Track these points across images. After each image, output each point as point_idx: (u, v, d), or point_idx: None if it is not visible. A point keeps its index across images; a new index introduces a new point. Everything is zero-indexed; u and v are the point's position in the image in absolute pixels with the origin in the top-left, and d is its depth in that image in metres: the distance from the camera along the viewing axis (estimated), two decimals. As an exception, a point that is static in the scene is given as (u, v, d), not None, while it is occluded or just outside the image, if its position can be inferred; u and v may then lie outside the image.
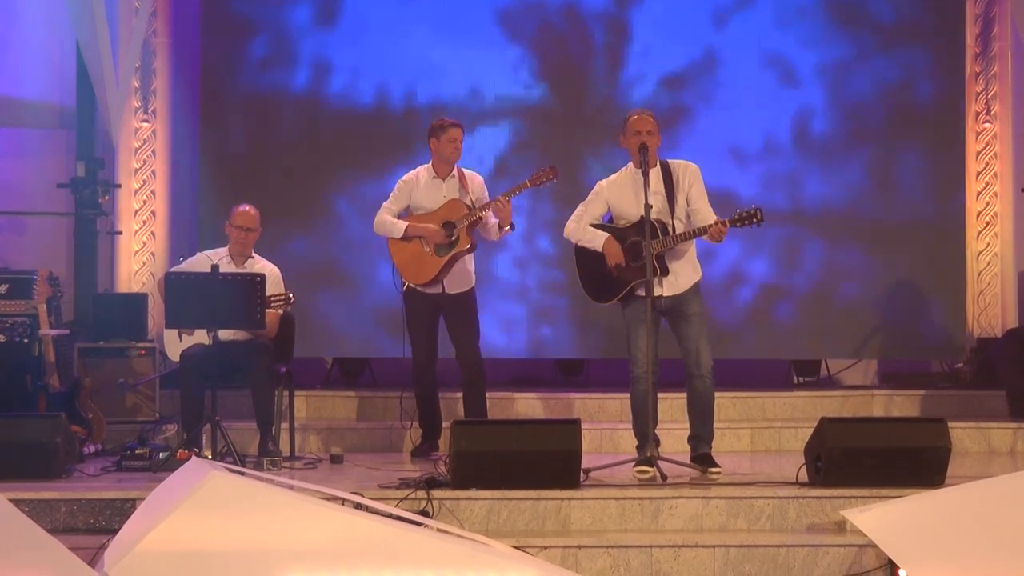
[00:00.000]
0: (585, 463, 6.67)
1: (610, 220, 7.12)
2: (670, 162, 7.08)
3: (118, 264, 9.43)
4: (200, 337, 7.43)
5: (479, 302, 7.94)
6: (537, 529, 6.33)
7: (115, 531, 5.79)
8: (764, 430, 8.36)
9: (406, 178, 7.86)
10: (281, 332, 7.75)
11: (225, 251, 7.77)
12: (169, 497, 5.30)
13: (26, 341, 8.31)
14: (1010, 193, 9.59)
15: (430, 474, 6.62)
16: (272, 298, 7.44)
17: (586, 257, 7.12)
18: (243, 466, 6.86)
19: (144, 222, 9.49)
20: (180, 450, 7.13)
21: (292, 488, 5.66)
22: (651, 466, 6.71)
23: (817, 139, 9.47)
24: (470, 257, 7.77)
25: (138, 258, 9.46)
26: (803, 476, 6.62)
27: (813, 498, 6.39)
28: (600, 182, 7.20)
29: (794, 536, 6.22)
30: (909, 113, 9.47)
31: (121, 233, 9.40)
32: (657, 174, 6.95)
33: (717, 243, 6.97)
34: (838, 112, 9.47)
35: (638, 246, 6.87)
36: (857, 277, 9.42)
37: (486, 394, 7.85)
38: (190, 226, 9.50)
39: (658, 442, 6.86)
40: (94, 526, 6.33)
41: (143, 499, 5.95)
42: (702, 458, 6.93)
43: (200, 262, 7.68)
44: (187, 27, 9.61)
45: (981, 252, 9.62)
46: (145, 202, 9.49)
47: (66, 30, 9.20)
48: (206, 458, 6.89)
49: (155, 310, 8.79)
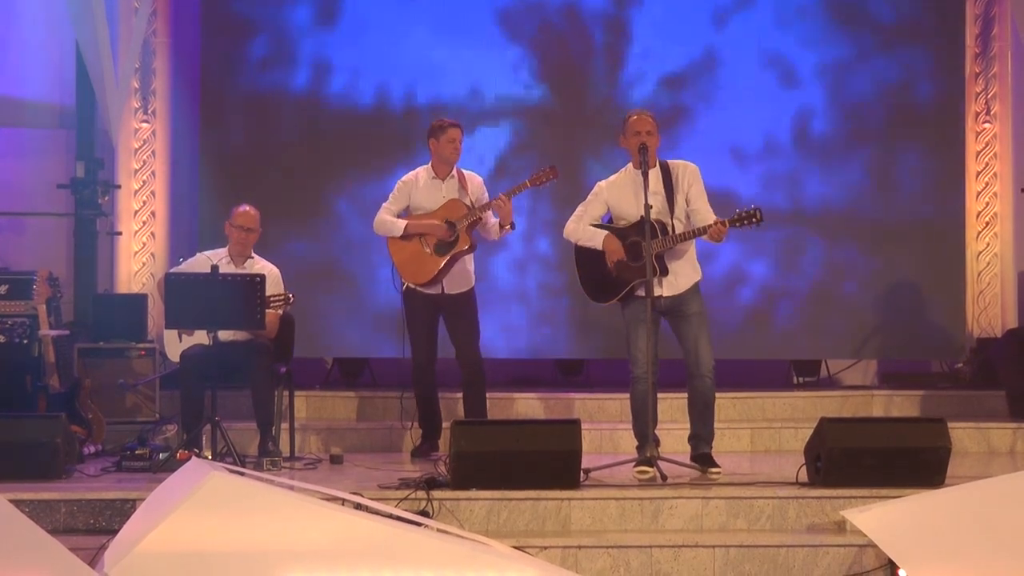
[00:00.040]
0: (585, 463, 6.67)
1: (610, 221, 7.12)
2: (669, 162, 7.08)
3: (118, 264, 9.42)
4: (200, 337, 7.43)
5: (479, 304, 7.93)
6: (537, 529, 6.33)
7: (115, 531, 5.78)
8: (764, 430, 8.36)
9: (405, 179, 7.86)
10: (281, 332, 7.75)
11: (225, 251, 7.77)
12: (169, 497, 5.30)
13: (26, 342, 8.31)
14: (1010, 193, 9.59)
15: (430, 474, 6.62)
16: (272, 298, 7.44)
17: (586, 257, 7.12)
18: (243, 466, 6.86)
19: (144, 222, 9.49)
20: (180, 450, 7.12)
21: (292, 488, 5.66)
22: (651, 466, 6.70)
23: (817, 139, 9.48)
24: (469, 257, 7.77)
25: (138, 258, 9.45)
26: (803, 476, 6.62)
27: (813, 498, 6.38)
28: (599, 183, 7.20)
29: (794, 536, 6.21)
30: (909, 113, 9.47)
31: (121, 233, 9.40)
32: (656, 174, 6.95)
33: (717, 243, 6.97)
34: (838, 112, 9.48)
35: (638, 246, 6.87)
36: (857, 277, 9.43)
37: (486, 394, 7.84)
38: (190, 226, 9.49)
39: (658, 442, 6.86)
40: (94, 526, 6.32)
41: (143, 499, 5.95)
42: (702, 458, 6.93)
43: (200, 263, 7.68)
44: (187, 27, 9.61)
45: (981, 252, 9.62)
46: (145, 202, 9.49)
47: (66, 30, 9.20)
48: (206, 458, 6.89)
49: (155, 310, 8.78)
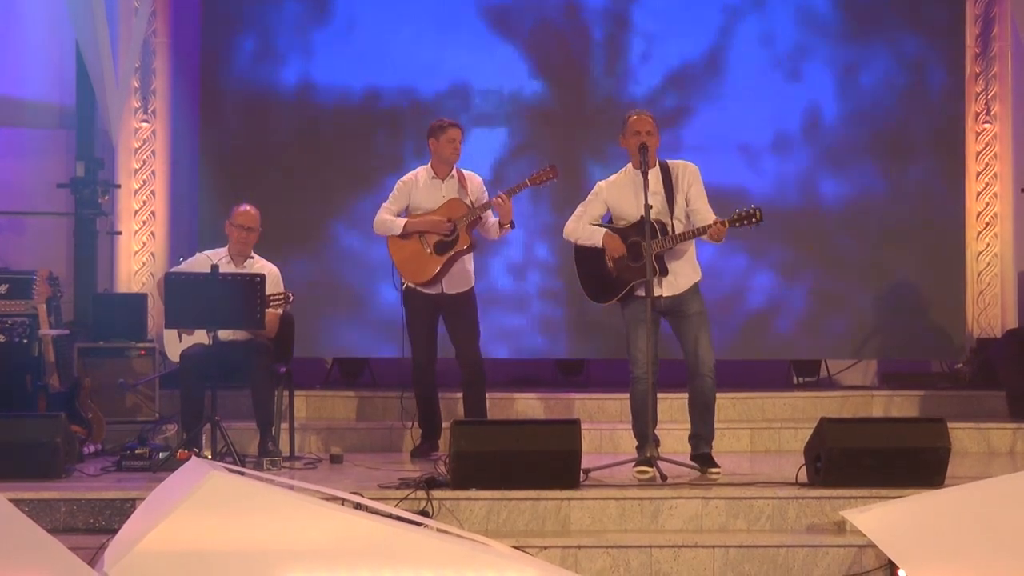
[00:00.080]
0: (585, 463, 6.67)
1: (609, 221, 7.12)
2: (669, 162, 7.08)
3: (118, 264, 9.42)
4: (200, 337, 7.43)
5: (479, 304, 7.92)
6: (537, 529, 6.33)
7: (115, 531, 5.78)
8: (764, 430, 8.36)
9: (405, 178, 7.86)
10: (281, 332, 7.75)
11: (224, 251, 7.77)
12: (169, 497, 5.30)
13: (26, 341, 8.31)
14: (1010, 193, 9.59)
15: (430, 474, 6.62)
16: (271, 297, 7.44)
17: (585, 257, 7.11)
18: (243, 466, 6.86)
19: (144, 222, 9.49)
20: (180, 450, 7.12)
21: (292, 488, 5.66)
22: (651, 466, 6.70)
23: (817, 140, 9.47)
24: (469, 257, 7.77)
25: (138, 258, 9.45)
26: (803, 476, 6.62)
27: (813, 498, 6.38)
28: (599, 183, 7.20)
29: (794, 536, 6.21)
30: (909, 113, 9.47)
31: (121, 233, 9.40)
32: (656, 174, 6.95)
33: (717, 243, 6.97)
34: (838, 113, 9.47)
35: (637, 246, 6.86)
36: (857, 277, 9.43)
37: (486, 394, 7.84)
38: (190, 226, 9.49)
39: (658, 442, 6.86)
40: (94, 526, 6.33)
41: (143, 499, 5.95)
42: (702, 458, 6.93)
43: (200, 262, 7.68)
44: (187, 27, 9.61)
45: (981, 252, 9.62)
46: (145, 202, 9.49)
47: (66, 30, 9.20)
48: (206, 458, 6.88)
49: (155, 310, 8.78)
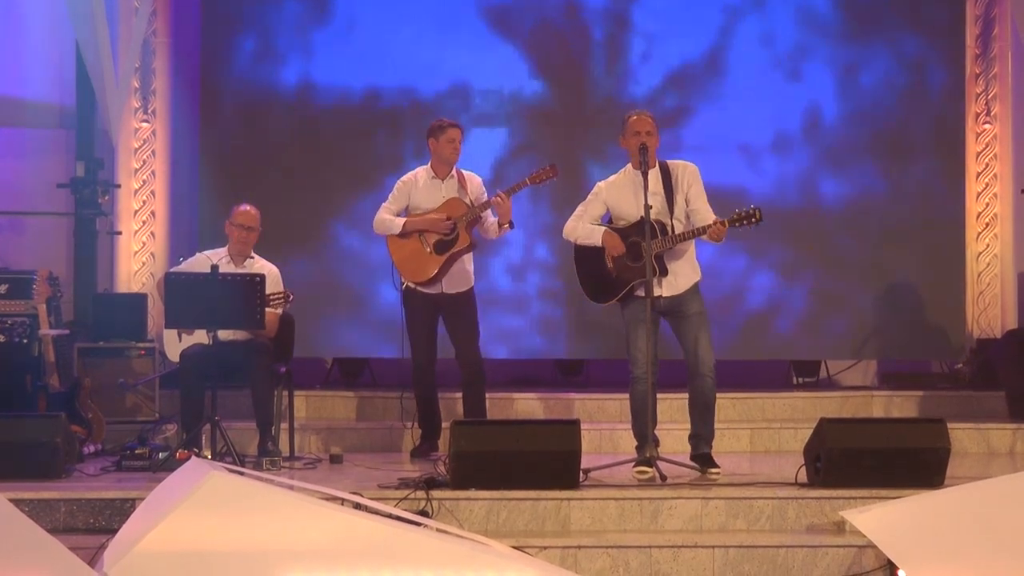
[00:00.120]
0: (584, 463, 6.67)
1: (609, 221, 7.12)
2: (669, 162, 7.07)
3: (118, 264, 9.42)
4: (200, 337, 7.43)
5: (479, 305, 7.92)
6: (536, 529, 6.33)
7: (115, 531, 5.78)
8: (764, 431, 8.36)
9: (405, 178, 7.86)
10: (281, 332, 7.74)
11: (224, 251, 7.77)
12: (169, 497, 5.30)
13: (26, 341, 8.31)
14: (1010, 194, 9.59)
15: (430, 474, 6.62)
16: (271, 296, 7.45)
17: (585, 257, 7.11)
18: (242, 466, 6.86)
19: (144, 222, 9.48)
20: (180, 450, 7.12)
21: (292, 488, 5.66)
22: (650, 466, 6.70)
23: (817, 140, 9.47)
24: (469, 257, 7.77)
25: (138, 258, 9.45)
26: (802, 477, 6.62)
27: (812, 499, 6.38)
28: (599, 183, 7.20)
29: (793, 537, 6.21)
30: (909, 113, 9.47)
31: (121, 233, 9.39)
32: (656, 174, 6.95)
33: (716, 243, 6.96)
34: (838, 113, 9.47)
35: (637, 246, 6.86)
36: (857, 277, 9.42)
37: (486, 394, 7.84)
38: (190, 226, 9.49)
39: (657, 442, 6.86)
40: (94, 526, 6.33)
41: (143, 499, 5.95)
42: (702, 458, 6.93)
43: (200, 262, 7.68)
44: (187, 27, 9.61)
45: (981, 253, 9.61)
46: (145, 202, 9.48)
47: (66, 30, 9.20)
48: (206, 458, 6.88)
49: (155, 310, 8.78)
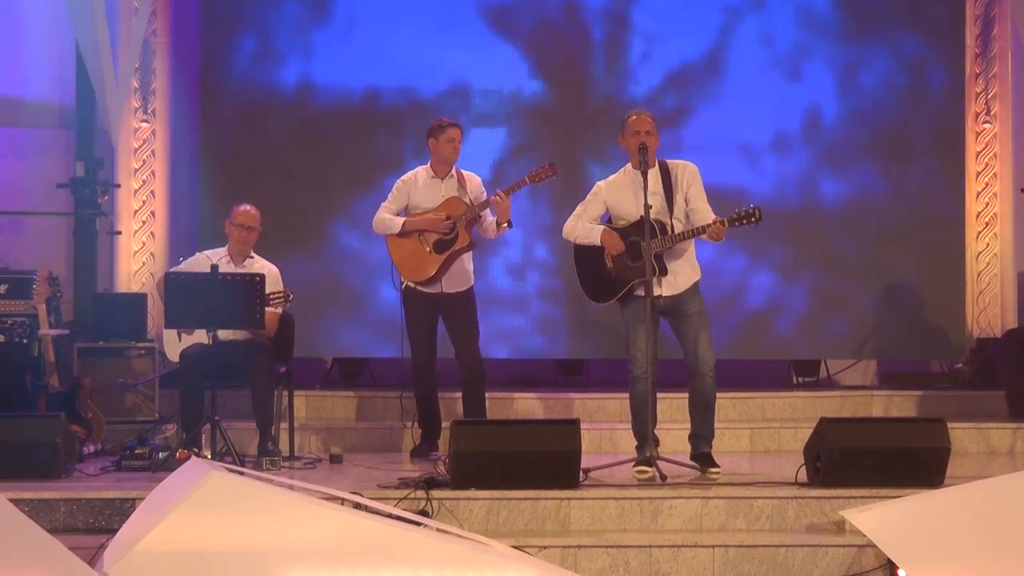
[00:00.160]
0: (584, 463, 6.67)
1: (608, 221, 7.11)
2: (668, 162, 7.07)
3: (118, 264, 9.42)
4: (199, 336, 7.43)
5: (478, 305, 7.92)
6: (536, 529, 6.33)
7: (114, 531, 5.78)
8: (763, 430, 8.36)
9: (405, 178, 7.86)
10: (281, 332, 7.74)
11: (224, 251, 7.77)
12: (168, 497, 5.30)
13: (26, 341, 8.31)
14: (1010, 194, 9.58)
15: (429, 474, 6.62)
16: (271, 296, 7.45)
17: (585, 257, 7.11)
18: (242, 466, 6.86)
19: (144, 222, 9.48)
20: (179, 450, 7.12)
21: (291, 488, 5.66)
22: (650, 466, 6.70)
23: (817, 140, 9.46)
24: (468, 256, 7.76)
25: (138, 258, 9.45)
26: (802, 476, 6.62)
27: (812, 498, 6.39)
28: (599, 183, 7.20)
29: (793, 536, 6.22)
30: (909, 113, 9.47)
31: (120, 233, 9.39)
32: (656, 174, 6.95)
33: (716, 243, 6.96)
34: (838, 113, 9.47)
35: (637, 246, 6.86)
36: (857, 277, 9.42)
37: (485, 394, 7.84)
38: (190, 226, 9.49)
39: (657, 442, 6.86)
40: (94, 526, 6.33)
41: (142, 499, 5.95)
42: (702, 457, 6.93)
43: (199, 262, 7.68)
44: (187, 27, 9.61)
45: (981, 252, 9.61)
46: (145, 202, 9.48)
47: (66, 30, 9.19)
48: (205, 458, 6.88)
49: (155, 310, 8.78)
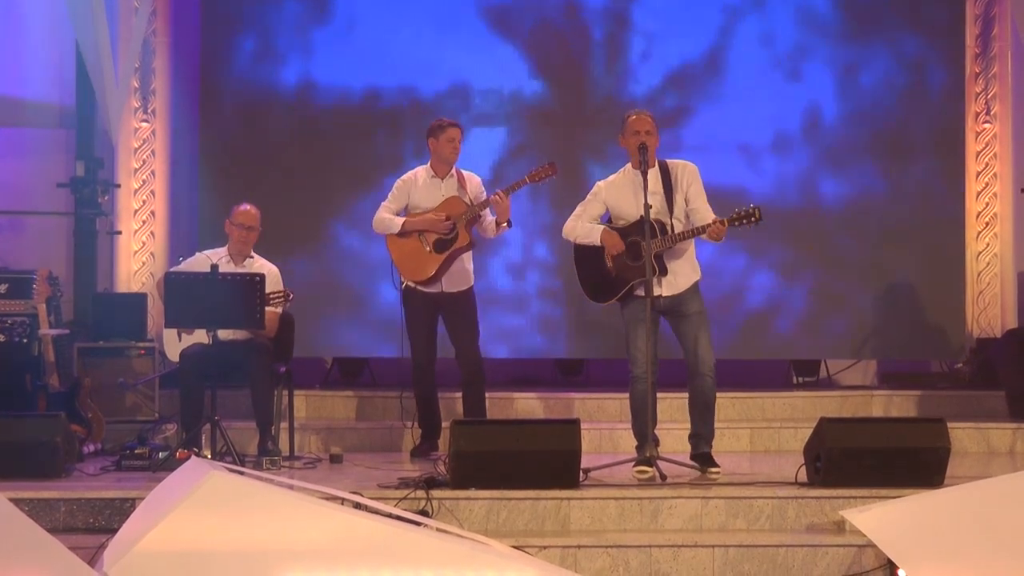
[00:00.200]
0: (584, 463, 6.67)
1: (608, 221, 7.11)
2: (668, 162, 7.07)
3: (118, 264, 9.42)
4: (199, 336, 7.43)
5: (479, 304, 7.92)
6: (536, 529, 6.33)
7: (114, 531, 5.78)
8: (763, 430, 8.36)
9: (405, 178, 7.86)
10: (281, 332, 7.74)
11: (224, 251, 7.77)
12: (168, 497, 5.30)
13: (26, 341, 8.31)
14: (1010, 193, 9.58)
15: (429, 474, 6.62)
16: (271, 295, 7.45)
17: (585, 257, 7.11)
18: (242, 466, 6.87)
19: (144, 222, 9.48)
20: (179, 450, 7.13)
21: (291, 488, 5.66)
22: (650, 466, 6.70)
23: (817, 140, 9.46)
24: (468, 256, 7.76)
25: (138, 258, 9.45)
26: (802, 476, 6.62)
27: (812, 498, 6.39)
28: (598, 183, 7.20)
29: (793, 536, 6.22)
30: (909, 113, 9.46)
31: (120, 233, 9.39)
32: (655, 174, 6.95)
33: (716, 242, 6.96)
34: (838, 113, 9.46)
35: (637, 246, 6.86)
36: (857, 277, 9.42)
37: (485, 394, 7.84)
38: (190, 226, 9.49)
39: (657, 442, 6.86)
40: (93, 526, 6.33)
41: (142, 499, 5.95)
42: (702, 457, 6.93)
43: (199, 262, 7.68)
44: (187, 27, 9.61)
45: (981, 252, 9.61)
46: (145, 202, 9.48)
47: (66, 30, 9.19)
48: (205, 458, 6.88)
49: (155, 310, 8.78)
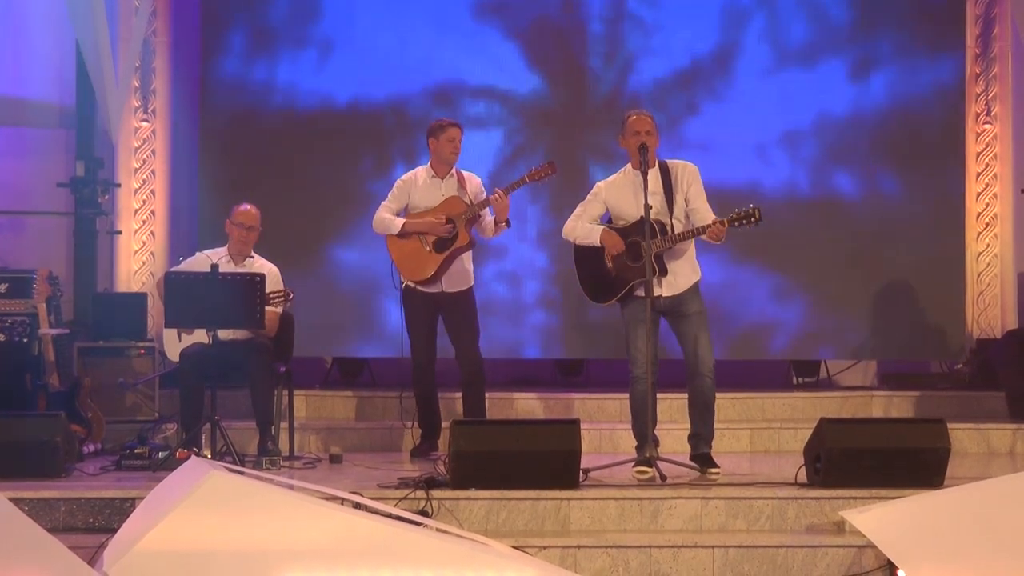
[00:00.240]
0: (584, 463, 6.67)
1: (608, 221, 7.12)
2: (668, 162, 7.08)
3: (118, 263, 9.42)
4: (199, 336, 7.43)
5: (479, 303, 7.92)
6: (536, 529, 6.33)
7: (114, 530, 5.79)
8: (763, 431, 8.36)
9: (405, 178, 7.86)
10: (281, 332, 7.74)
11: (224, 251, 7.77)
12: (168, 496, 5.30)
13: (26, 340, 8.31)
14: (1010, 194, 9.59)
15: (429, 474, 6.62)
16: (272, 295, 7.45)
17: (585, 257, 7.11)
18: (242, 465, 6.87)
19: (144, 221, 9.48)
20: (179, 449, 7.13)
21: (291, 488, 5.66)
22: (650, 466, 6.70)
23: (818, 140, 9.46)
24: (468, 256, 7.76)
25: (138, 257, 9.45)
26: (802, 477, 6.62)
27: (812, 499, 6.39)
28: (598, 183, 7.20)
29: (793, 537, 6.22)
30: (909, 113, 9.46)
31: (121, 232, 9.39)
32: (656, 174, 6.95)
33: (716, 243, 6.95)
34: (838, 113, 9.44)
35: (637, 246, 6.86)
36: (857, 277, 9.41)
37: (485, 394, 7.84)
38: (190, 226, 9.49)
39: (657, 442, 6.86)
40: (93, 525, 6.33)
41: (142, 498, 5.96)
42: (702, 458, 6.93)
43: (199, 262, 7.68)
44: (187, 27, 9.61)
45: (981, 253, 9.61)
46: (145, 201, 9.48)
47: (66, 30, 9.19)
48: (205, 457, 6.88)
49: (155, 309, 8.78)
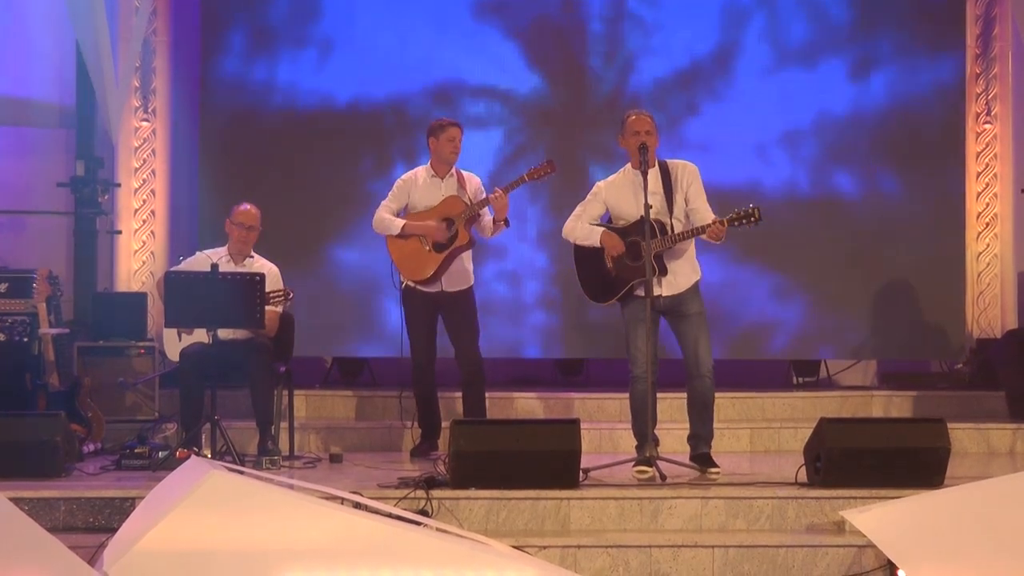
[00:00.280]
0: (584, 463, 6.67)
1: (608, 221, 7.12)
2: (668, 162, 7.08)
3: (118, 263, 9.42)
4: (199, 335, 7.43)
5: (479, 303, 7.92)
6: (536, 529, 6.33)
7: (114, 530, 5.79)
8: (763, 430, 8.36)
9: (405, 177, 7.86)
10: (281, 331, 7.74)
11: (224, 250, 7.77)
12: (168, 496, 5.30)
13: (26, 340, 8.31)
14: (1010, 194, 9.59)
15: (429, 473, 6.62)
16: (272, 294, 7.45)
17: (585, 257, 7.11)
18: (242, 465, 6.87)
19: (144, 221, 9.48)
20: (179, 449, 7.13)
21: (291, 487, 5.66)
22: (650, 466, 6.70)
23: (818, 140, 9.46)
24: (468, 255, 7.77)
25: (138, 257, 9.45)
26: (802, 476, 6.62)
27: (812, 498, 6.39)
28: (598, 183, 7.20)
29: (793, 536, 6.22)
30: (909, 114, 9.46)
31: (121, 232, 9.39)
32: (655, 174, 6.95)
33: (716, 242, 6.95)
34: (838, 113, 9.45)
35: (637, 246, 6.87)
36: (857, 277, 9.41)
37: (485, 394, 7.84)
38: (190, 225, 9.49)
39: (657, 442, 6.86)
40: (93, 525, 6.33)
41: (142, 498, 5.96)
42: (701, 458, 6.93)
43: (199, 261, 7.68)
44: (187, 26, 9.61)
45: (981, 253, 9.61)
46: (145, 201, 9.48)
47: (66, 30, 9.19)
48: (205, 457, 6.89)
49: (155, 309, 8.78)
